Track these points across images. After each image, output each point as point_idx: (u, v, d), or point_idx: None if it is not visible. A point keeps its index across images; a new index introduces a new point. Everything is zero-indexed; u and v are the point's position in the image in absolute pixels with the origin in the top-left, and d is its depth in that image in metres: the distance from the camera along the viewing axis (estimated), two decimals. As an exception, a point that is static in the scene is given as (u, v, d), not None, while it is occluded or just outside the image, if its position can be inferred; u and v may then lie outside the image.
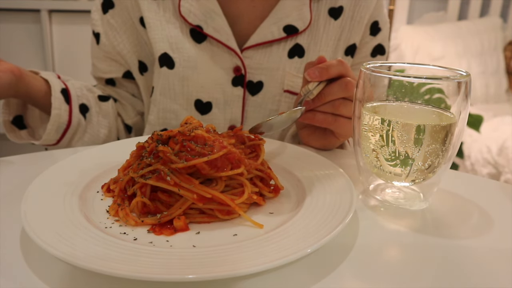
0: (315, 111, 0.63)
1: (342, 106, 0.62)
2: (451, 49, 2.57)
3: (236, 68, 0.77)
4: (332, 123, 0.63)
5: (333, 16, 0.78)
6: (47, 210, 0.42)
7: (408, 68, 0.55)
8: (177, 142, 0.47)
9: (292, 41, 0.77)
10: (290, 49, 0.77)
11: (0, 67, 0.65)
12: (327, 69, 0.60)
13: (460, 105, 0.46)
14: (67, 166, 0.53)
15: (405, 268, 0.39)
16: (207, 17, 0.75)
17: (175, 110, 0.78)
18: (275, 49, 0.77)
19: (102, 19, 0.81)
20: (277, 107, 0.79)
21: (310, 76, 0.60)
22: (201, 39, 0.76)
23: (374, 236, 0.44)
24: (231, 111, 0.78)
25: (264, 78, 0.77)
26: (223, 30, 0.75)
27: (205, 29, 0.75)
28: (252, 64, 0.77)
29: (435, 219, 0.48)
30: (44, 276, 0.36)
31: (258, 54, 0.77)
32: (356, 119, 0.51)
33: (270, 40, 0.76)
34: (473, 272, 0.39)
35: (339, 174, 0.51)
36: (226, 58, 0.76)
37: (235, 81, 0.77)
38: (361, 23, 0.79)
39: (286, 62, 0.77)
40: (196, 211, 0.45)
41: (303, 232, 0.40)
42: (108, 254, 0.36)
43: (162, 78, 0.77)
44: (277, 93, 0.78)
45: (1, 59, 0.68)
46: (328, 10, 0.78)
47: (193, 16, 0.75)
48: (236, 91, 0.77)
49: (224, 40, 0.75)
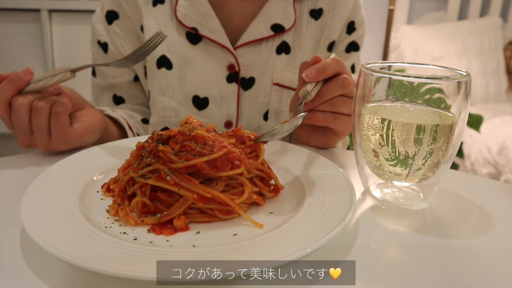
0: (314, 110, 0.64)
1: (341, 103, 0.62)
2: (451, 49, 2.57)
3: (230, 66, 0.81)
4: (332, 121, 0.64)
5: (313, 17, 0.84)
6: (47, 210, 0.42)
7: (408, 68, 0.55)
8: (177, 142, 0.47)
9: (279, 39, 0.82)
10: (277, 46, 0.82)
11: (93, 119, 0.66)
12: (324, 69, 0.61)
13: (460, 105, 0.46)
14: (67, 166, 0.53)
15: (405, 268, 0.39)
16: (201, 20, 0.80)
17: (174, 107, 0.81)
18: (264, 46, 0.82)
19: (107, 29, 0.84)
20: (268, 100, 0.83)
21: (308, 77, 0.61)
22: (196, 40, 0.81)
23: (374, 236, 0.44)
24: (227, 106, 0.82)
25: (256, 74, 0.82)
26: (217, 30, 0.80)
27: (200, 30, 0.79)
28: (244, 61, 0.82)
29: (435, 219, 0.48)
30: (44, 276, 0.36)
31: (249, 51, 0.82)
32: (356, 117, 0.51)
33: (260, 38, 0.81)
34: (473, 272, 0.39)
35: (339, 174, 0.51)
36: (221, 56, 0.81)
37: (230, 78, 0.82)
38: (340, 22, 0.85)
39: (274, 58, 0.82)
40: (196, 211, 0.45)
41: (303, 232, 0.40)
42: (108, 254, 0.36)
43: (160, 78, 0.81)
44: (267, 86, 0.83)
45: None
46: (309, 11, 0.84)
47: (189, 19, 0.80)
48: (230, 87, 0.82)
49: (219, 40, 0.80)
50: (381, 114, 0.48)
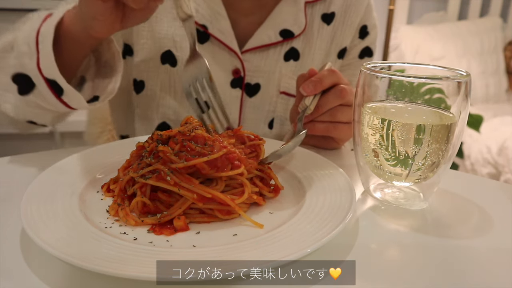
0: (314, 121, 0.64)
1: (340, 113, 0.63)
2: (451, 49, 2.57)
3: (235, 71, 0.78)
4: (332, 130, 0.65)
5: (325, 21, 0.81)
6: (47, 210, 0.42)
7: (408, 68, 0.55)
8: (177, 142, 0.47)
9: (288, 45, 0.79)
10: (286, 53, 0.79)
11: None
12: (321, 81, 0.62)
13: (460, 105, 0.46)
14: (67, 166, 0.53)
15: (405, 268, 0.39)
16: (212, 18, 0.76)
17: (174, 106, 0.79)
18: (271, 52, 0.79)
19: None
20: (273, 108, 0.81)
21: (305, 91, 0.62)
22: (204, 39, 0.77)
23: (374, 236, 0.44)
24: (229, 111, 0.79)
25: (262, 81, 0.79)
26: (227, 32, 0.76)
27: (210, 29, 0.76)
28: (250, 66, 0.79)
29: (435, 219, 0.48)
30: (44, 276, 0.36)
31: (255, 57, 0.78)
32: (356, 117, 0.51)
33: (267, 44, 0.78)
34: (473, 272, 0.39)
35: (339, 174, 0.51)
36: (227, 59, 0.78)
37: (234, 83, 0.79)
38: (352, 27, 0.83)
39: (282, 65, 0.79)
40: (196, 211, 0.45)
41: (303, 232, 0.40)
42: (108, 254, 0.36)
43: (163, 74, 0.78)
44: (273, 94, 0.80)
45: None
46: (321, 15, 0.81)
47: (200, 15, 0.75)
48: (234, 92, 0.79)
49: (228, 42, 0.76)
50: (381, 114, 0.48)
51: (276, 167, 0.55)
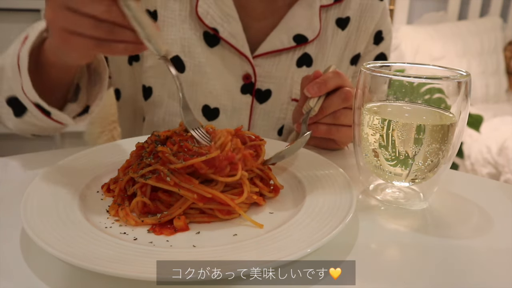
0: (317, 123, 0.64)
1: (343, 116, 0.63)
2: (451, 49, 2.57)
3: (246, 76, 0.76)
4: (335, 133, 0.64)
5: (340, 27, 0.79)
6: (47, 210, 0.42)
7: (408, 68, 0.55)
8: (174, 142, 0.47)
9: (301, 50, 0.77)
10: (298, 58, 0.77)
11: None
12: (325, 83, 0.61)
13: (460, 105, 0.46)
14: (67, 166, 0.53)
15: (405, 268, 0.39)
16: (223, 21, 0.73)
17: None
18: (284, 58, 0.77)
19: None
20: (284, 115, 0.79)
21: (310, 92, 0.61)
22: (214, 43, 0.75)
23: (374, 236, 0.44)
24: (238, 118, 0.78)
25: (273, 87, 0.77)
26: (239, 35, 0.74)
27: (221, 32, 0.73)
28: (261, 72, 0.76)
29: (435, 219, 0.48)
30: (44, 276, 0.36)
31: (267, 62, 0.76)
32: (356, 117, 0.51)
33: (280, 49, 0.75)
34: (473, 272, 0.39)
35: (339, 174, 0.51)
36: (237, 64, 0.75)
37: (244, 89, 0.77)
38: (367, 33, 0.80)
39: (294, 71, 0.77)
40: (196, 211, 0.45)
41: (303, 232, 0.40)
42: (108, 254, 0.36)
43: (171, 81, 0.75)
44: (285, 101, 0.78)
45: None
46: (336, 20, 0.78)
47: (210, 18, 0.73)
48: (244, 98, 0.77)
49: (239, 47, 0.74)
50: (381, 115, 0.48)
51: (276, 167, 0.55)
